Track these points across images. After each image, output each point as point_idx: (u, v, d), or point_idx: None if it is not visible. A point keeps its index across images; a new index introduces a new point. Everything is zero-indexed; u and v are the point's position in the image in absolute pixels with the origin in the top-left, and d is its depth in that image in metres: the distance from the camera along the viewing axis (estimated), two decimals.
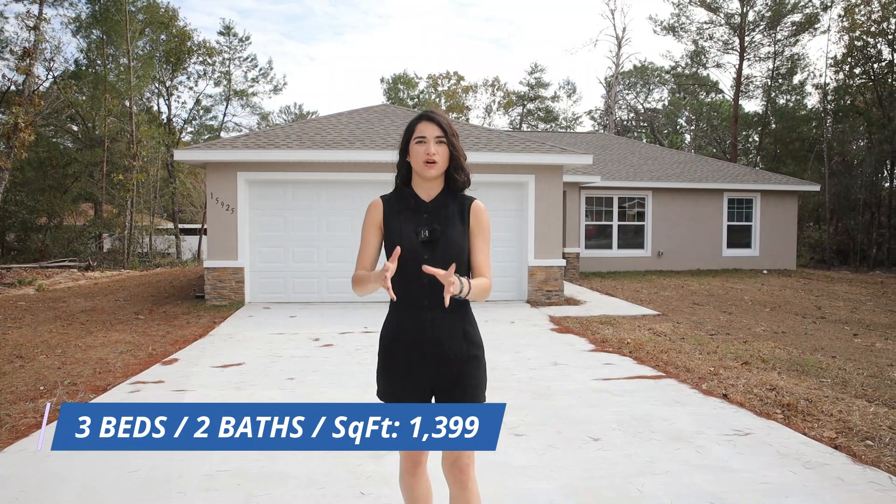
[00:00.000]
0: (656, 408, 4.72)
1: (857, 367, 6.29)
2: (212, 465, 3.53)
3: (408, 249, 2.17)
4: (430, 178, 2.22)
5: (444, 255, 2.17)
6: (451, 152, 2.21)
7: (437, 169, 2.20)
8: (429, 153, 2.17)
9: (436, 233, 2.18)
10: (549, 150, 11.21)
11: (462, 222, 2.24)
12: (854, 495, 3.14)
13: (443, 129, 2.21)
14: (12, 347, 7.40)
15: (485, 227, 2.28)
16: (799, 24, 33.39)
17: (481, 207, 2.30)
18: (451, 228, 2.21)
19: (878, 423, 4.28)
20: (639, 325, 9.00)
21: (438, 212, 2.25)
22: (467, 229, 2.25)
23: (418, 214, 2.24)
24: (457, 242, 2.21)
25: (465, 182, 2.30)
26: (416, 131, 2.23)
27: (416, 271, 2.12)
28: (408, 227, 2.22)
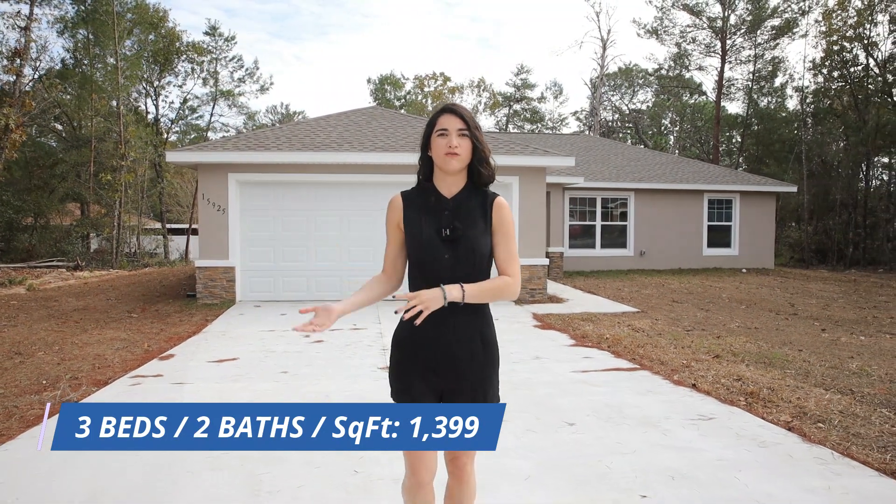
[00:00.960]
0: (629, 396, 5.05)
1: (820, 360, 6.67)
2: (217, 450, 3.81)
3: (428, 248, 2.14)
4: (452, 171, 2.16)
5: (465, 253, 2.12)
6: (474, 145, 2.15)
7: (459, 162, 2.14)
8: (451, 145, 2.11)
9: (457, 231, 2.12)
10: (533, 153, 11.55)
11: (484, 220, 2.17)
12: (798, 469, 3.48)
13: (465, 122, 2.14)
14: (10, 344, 7.60)
15: (507, 223, 2.20)
16: (778, 28, 34.03)
17: (504, 204, 2.23)
18: (472, 226, 2.15)
19: (831, 409, 4.64)
20: (618, 321, 9.34)
21: (460, 209, 2.18)
22: (489, 227, 2.18)
23: (439, 211, 2.18)
24: (478, 241, 2.14)
25: (490, 177, 2.22)
26: (437, 124, 2.17)
27: (435, 270, 2.11)
28: (428, 224, 2.16)
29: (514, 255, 2.20)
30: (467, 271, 2.12)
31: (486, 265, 2.17)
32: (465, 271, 2.12)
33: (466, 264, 2.10)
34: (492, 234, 2.17)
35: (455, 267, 2.12)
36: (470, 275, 2.12)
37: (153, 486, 3.31)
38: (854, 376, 5.86)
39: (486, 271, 2.17)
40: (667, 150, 45.63)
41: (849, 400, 4.92)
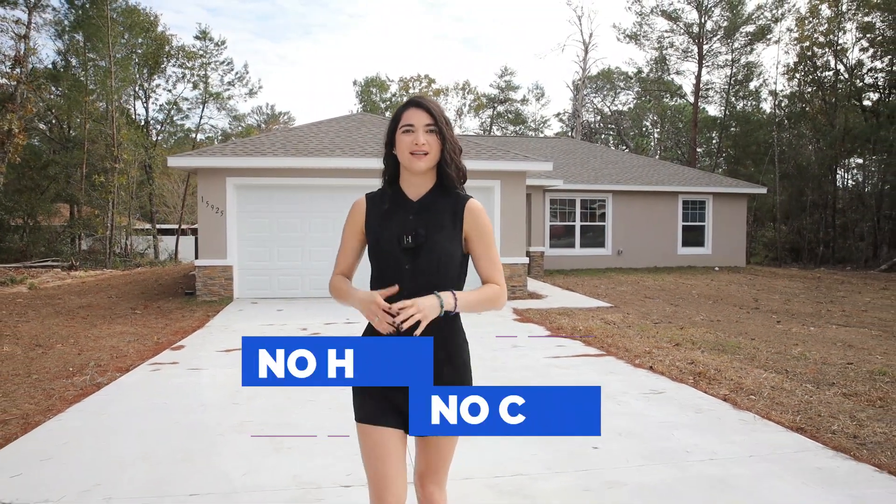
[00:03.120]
0: (593, 376, 5.80)
1: (767, 347, 7.45)
2: (241, 418, 4.50)
3: (388, 256, 1.95)
4: (418, 171, 1.95)
5: (428, 262, 1.92)
6: (443, 143, 1.94)
7: (426, 162, 1.93)
8: (417, 143, 1.91)
9: (419, 238, 1.92)
10: (514, 158, 12.29)
11: (454, 225, 1.97)
12: (724, 428, 4.23)
13: (433, 117, 1.93)
14: (29, 338, 8.20)
15: (485, 229, 2.00)
16: (753, 34, 35.12)
17: (478, 207, 2.01)
18: (438, 232, 1.94)
19: (764, 384, 5.41)
20: (592, 315, 10.10)
21: (426, 212, 1.98)
22: (459, 233, 1.98)
23: (403, 216, 1.98)
24: (445, 248, 1.94)
25: (460, 177, 2.02)
26: (402, 119, 1.96)
27: (395, 280, 1.93)
28: (390, 230, 1.96)
29: (497, 264, 2.03)
30: (431, 281, 1.92)
31: (455, 274, 1.98)
32: (429, 281, 1.92)
33: (430, 274, 1.92)
34: (466, 241, 2.00)
35: (417, 277, 1.92)
36: (435, 285, 1.91)
37: (192, 447, 3.99)
38: (793, 360, 6.65)
39: (455, 281, 1.98)
40: (648, 151, 46.67)
41: (781, 378, 5.70)
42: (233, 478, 3.42)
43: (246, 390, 5.10)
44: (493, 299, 1.98)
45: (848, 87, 29.62)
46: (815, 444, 3.91)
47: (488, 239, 2.01)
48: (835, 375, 5.81)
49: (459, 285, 1.99)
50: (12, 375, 6.04)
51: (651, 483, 3.35)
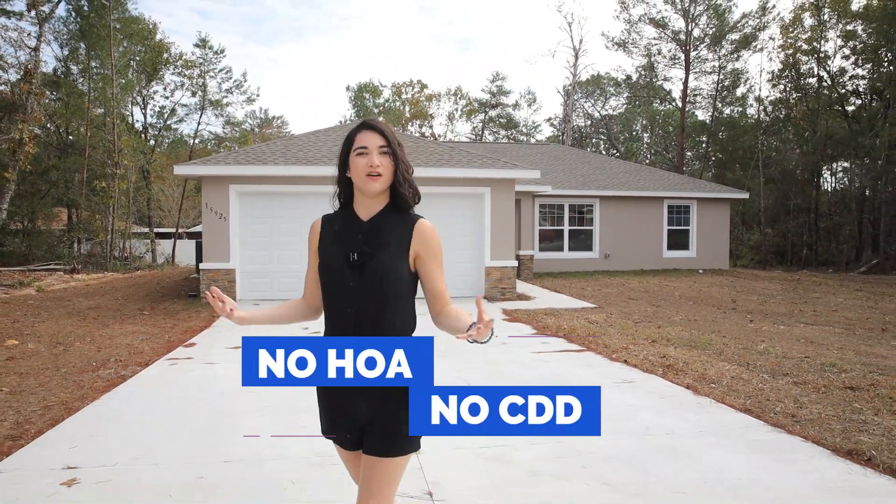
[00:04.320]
0: (572, 369, 6.41)
1: (736, 343, 8.08)
2: (257, 403, 5.08)
3: (334, 273, 1.99)
4: (372, 193, 1.99)
5: (372, 281, 1.94)
6: (395, 164, 1.99)
7: (381, 183, 1.97)
8: (371, 165, 1.94)
9: (364, 256, 1.96)
10: (503, 166, 12.92)
11: (401, 244, 2.00)
12: (682, 409, 4.85)
13: (386, 139, 1.97)
14: (48, 337, 8.74)
15: (435, 249, 2.04)
16: (739, 41, 35.96)
17: (428, 228, 2.04)
18: (384, 251, 1.98)
19: (724, 375, 6.03)
20: (577, 315, 10.71)
21: (374, 232, 2.01)
22: (406, 252, 2.01)
23: (353, 235, 2.02)
24: (389, 266, 1.97)
25: (413, 197, 2.06)
26: (356, 141, 1.99)
27: (340, 296, 1.97)
28: (338, 249, 2.01)
29: (444, 283, 2.09)
30: (375, 299, 1.96)
31: (401, 292, 2.01)
32: (373, 299, 1.96)
33: (374, 291, 1.95)
34: (415, 259, 2.03)
35: (360, 295, 1.96)
36: (379, 303, 1.96)
37: (218, 425, 4.57)
38: (757, 354, 7.27)
39: (401, 299, 2.01)
40: (638, 155, 47.44)
41: (742, 369, 6.32)
42: (257, 449, 4.00)
43: None
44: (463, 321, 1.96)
45: (830, 93, 30.46)
46: (757, 421, 4.53)
47: (438, 259, 2.04)
48: (790, 367, 6.43)
49: (408, 303, 2.04)
50: (43, 369, 6.59)
51: (614, 452, 3.95)
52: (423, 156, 13.28)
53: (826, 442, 4.03)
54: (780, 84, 33.48)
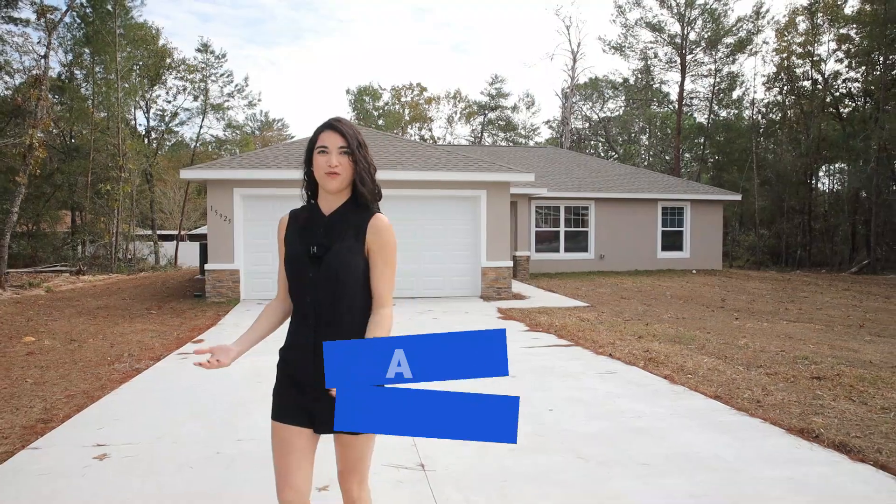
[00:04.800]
0: (560, 361, 6.82)
1: (718, 338, 8.49)
2: (266, 391, 5.48)
3: (295, 266, 2.12)
4: (331, 190, 2.11)
5: (328, 272, 2.06)
6: (355, 164, 2.09)
7: (339, 181, 2.09)
8: (331, 164, 2.06)
9: (322, 249, 2.09)
10: (499, 170, 13.33)
11: (357, 238, 2.11)
12: (657, 396, 5.26)
13: (346, 139, 2.08)
14: (62, 334, 9.15)
15: (386, 245, 2.13)
16: (734, 45, 36.40)
17: (383, 223, 2.13)
18: (340, 243, 2.09)
19: (702, 366, 6.44)
20: (569, 313, 11.11)
21: (334, 225, 2.13)
22: (362, 245, 2.11)
23: (315, 229, 2.14)
24: (345, 259, 2.08)
25: (373, 195, 2.17)
26: (318, 141, 2.11)
27: (301, 288, 2.10)
28: (300, 241, 2.13)
29: (390, 279, 2.14)
30: (333, 290, 2.08)
31: (357, 283, 2.11)
32: (331, 290, 2.08)
33: (331, 281, 2.07)
34: (369, 255, 2.13)
35: (319, 286, 2.08)
36: (335, 293, 2.08)
37: (231, 411, 4.98)
38: (736, 349, 7.68)
39: (356, 292, 2.11)
40: (637, 157, 47.87)
41: (719, 362, 6.73)
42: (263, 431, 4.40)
43: (266, 371, 6.09)
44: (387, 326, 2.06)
45: (824, 95, 30.90)
46: (725, 406, 4.95)
47: (386, 254, 2.11)
48: (765, 360, 6.84)
49: (365, 293, 2.12)
50: (61, 363, 7.00)
51: (591, 431, 4.36)
52: (422, 159, 13.70)
53: (782, 423, 4.44)
54: (774, 87, 33.96)
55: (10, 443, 4.19)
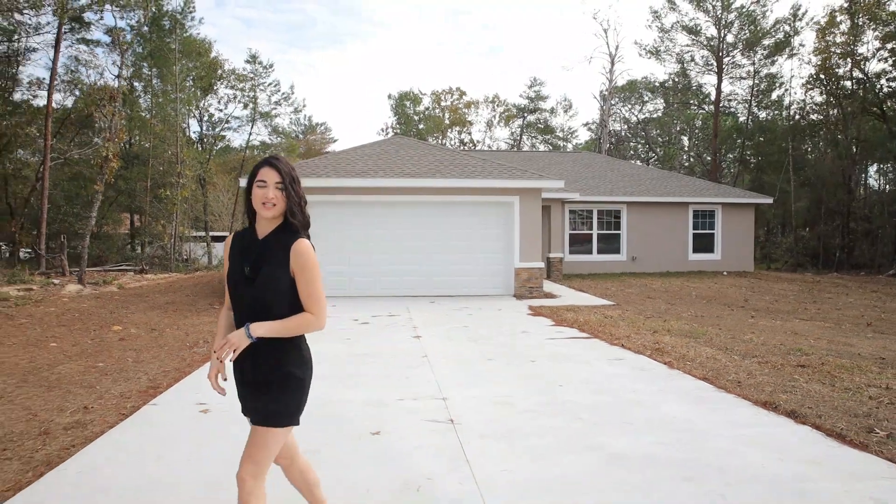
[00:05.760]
0: (576, 350, 7.75)
1: (728, 334, 9.27)
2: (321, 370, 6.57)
3: (233, 283, 2.44)
4: (267, 217, 2.41)
5: (261, 290, 2.36)
6: (288, 198, 2.39)
7: (273, 212, 2.39)
8: (267, 197, 2.36)
9: (254, 270, 2.38)
10: (531, 177, 14.27)
11: (283, 259, 2.38)
12: (654, 378, 6.17)
13: (282, 176, 2.38)
14: (142, 324, 10.45)
15: (304, 265, 2.39)
16: (772, 46, 36.41)
17: (302, 247, 2.40)
18: (269, 265, 2.38)
19: (702, 356, 7.29)
20: (595, 311, 11.98)
21: (265, 248, 2.42)
22: (287, 268, 2.38)
23: (250, 251, 2.44)
24: (273, 278, 2.37)
25: (302, 225, 2.47)
26: (258, 175, 2.40)
27: (238, 303, 2.44)
28: (238, 262, 2.44)
29: (314, 296, 2.41)
30: (265, 306, 2.37)
31: (283, 300, 2.39)
32: (263, 305, 2.37)
33: (262, 297, 2.37)
34: (293, 273, 2.40)
35: (254, 301, 2.39)
36: (264, 308, 2.37)
37: None
38: (740, 342, 8.48)
39: (282, 304, 2.40)
40: (676, 158, 47.98)
41: (720, 352, 7.57)
42: (323, 398, 5.48)
43: (324, 355, 7.20)
44: (304, 325, 2.40)
45: (865, 96, 30.78)
46: (709, 385, 5.84)
47: (307, 275, 2.40)
48: (762, 352, 7.65)
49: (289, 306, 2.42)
50: (149, 347, 8.24)
51: (592, 402, 5.31)
52: (458, 168, 14.73)
53: (752, 398, 5.32)
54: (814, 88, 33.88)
55: (134, 401, 5.38)
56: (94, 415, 5.07)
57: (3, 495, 3.49)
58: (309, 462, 2.94)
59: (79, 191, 25.15)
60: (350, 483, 3.61)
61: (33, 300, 13.16)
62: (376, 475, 3.72)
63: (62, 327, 10.02)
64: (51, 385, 6.12)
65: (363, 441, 4.34)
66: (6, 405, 5.36)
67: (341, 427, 4.68)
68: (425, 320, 10.54)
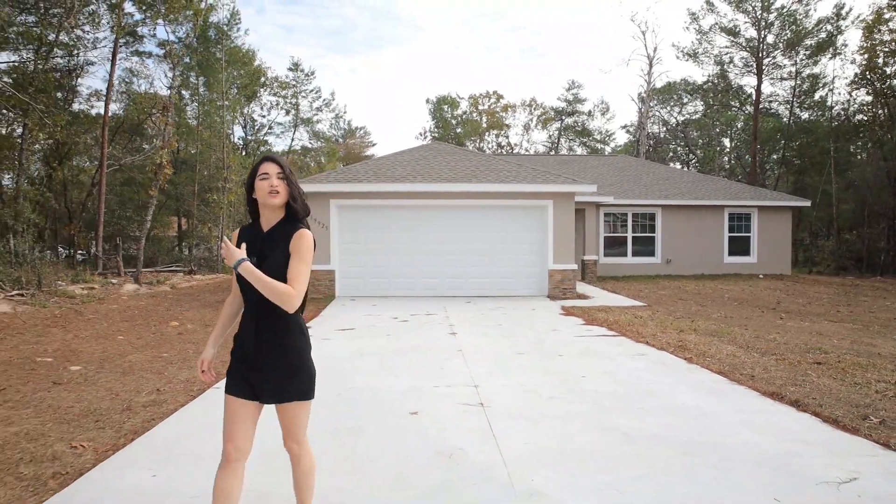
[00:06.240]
0: (602, 346, 8.20)
1: (752, 334, 9.58)
2: (362, 362, 7.17)
3: None
4: (273, 206, 2.64)
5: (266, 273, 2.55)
6: (290, 186, 2.64)
7: (279, 198, 2.62)
8: (272, 185, 2.60)
9: (261, 259, 2.60)
10: (564, 182, 14.71)
11: (285, 246, 2.61)
12: (674, 372, 6.59)
13: (283, 168, 2.65)
14: (197, 320, 11.24)
15: (300, 248, 2.61)
16: (815, 46, 35.93)
17: (304, 235, 2.64)
18: (273, 252, 2.61)
19: (722, 352, 7.67)
20: (626, 311, 12.35)
21: (270, 239, 2.65)
22: (289, 252, 2.61)
23: (256, 241, 2.67)
24: (278, 263, 2.59)
25: (303, 210, 2.71)
26: (260, 170, 2.65)
27: (248, 287, 2.61)
28: (246, 251, 2.60)
29: (299, 275, 2.59)
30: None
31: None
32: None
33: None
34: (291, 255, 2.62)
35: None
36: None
37: (338, 372, 6.67)
38: (764, 341, 8.79)
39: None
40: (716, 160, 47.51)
41: (740, 350, 7.93)
42: (368, 384, 6.07)
43: (367, 349, 7.82)
44: (279, 292, 2.51)
45: None
46: (724, 379, 6.24)
47: (299, 255, 2.61)
48: (783, 350, 7.98)
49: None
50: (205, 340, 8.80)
51: (611, 391, 5.78)
52: (494, 172, 15.25)
53: (761, 389, 5.72)
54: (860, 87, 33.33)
55: (199, 385, 6.07)
56: (167, 395, 5.76)
57: (105, 454, 4.17)
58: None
59: (131, 195, 26.44)
60: (393, 451, 4.18)
61: (97, 298, 14.15)
62: (415, 446, 4.29)
63: (125, 322, 10.88)
64: (125, 371, 6.87)
65: (403, 419, 4.91)
66: (91, 387, 6.11)
67: (384, 408, 5.26)
68: (461, 318, 11.09)
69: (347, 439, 4.47)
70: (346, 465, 3.95)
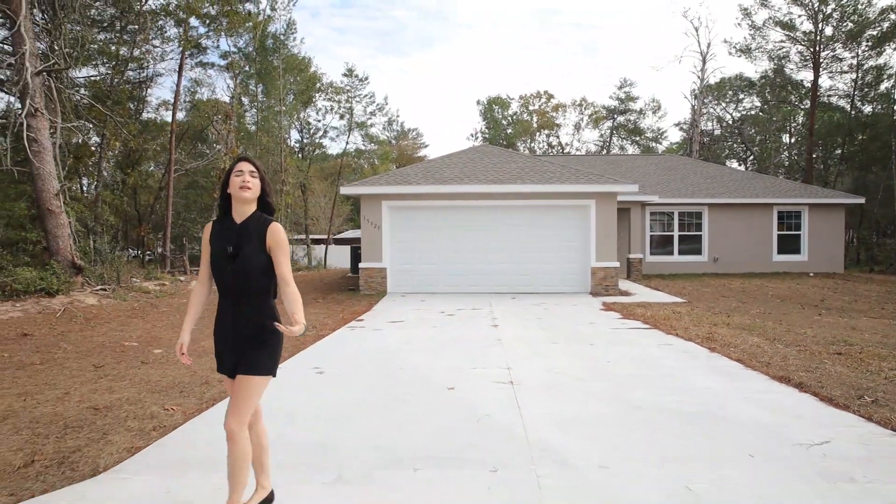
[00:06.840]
0: (633, 337, 8.73)
1: (784, 328, 9.90)
2: (412, 348, 7.92)
3: (218, 261, 2.91)
4: (245, 200, 2.90)
5: (241, 266, 2.84)
6: (262, 184, 2.95)
7: (251, 193, 2.90)
8: (245, 180, 2.87)
9: (236, 248, 2.85)
10: (605, 182, 15.17)
11: (259, 239, 2.87)
12: (695, 359, 7.10)
13: (256, 167, 2.95)
14: None
15: (280, 241, 2.89)
16: (877, 37, 34.86)
17: (276, 227, 2.90)
18: (248, 245, 2.86)
19: (747, 343, 8.09)
20: (664, 307, 12.74)
21: (243, 232, 2.89)
22: (264, 245, 2.87)
23: (230, 234, 2.90)
24: (252, 256, 2.85)
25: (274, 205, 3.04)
26: (235, 168, 2.93)
27: (222, 277, 2.91)
28: (220, 243, 2.89)
29: (289, 270, 2.91)
30: (245, 279, 2.87)
31: (261, 272, 2.90)
32: (243, 279, 2.87)
33: (242, 272, 2.85)
34: (270, 251, 2.89)
35: (235, 276, 2.86)
36: (247, 281, 2.87)
37: (391, 357, 7.43)
38: (793, 335, 9.12)
39: (262, 280, 2.90)
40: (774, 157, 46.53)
41: (765, 342, 8.33)
42: (415, 367, 6.80)
43: (415, 338, 8.58)
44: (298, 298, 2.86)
45: None
46: (741, 365, 6.72)
47: (282, 250, 2.92)
48: (808, 342, 8.34)
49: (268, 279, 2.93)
50: None
51: (631, 373, 6.36)
52: (539, 173, 15.83)
53: (772, 374, 6.20)
54: None
55: None
56: None
57: (192, 415, 5.04)
58: (266, 430, 3.28)
59: (195, 198, 28.05)
60: (433, 416, 4.91)
61: (168, 293, 15.40)
62: (450, 413, 5.00)
63: None
64: (199, 354, 7.81)
65: (442, 394, 5.63)
66: (172, 366, 7.06)
67: (427, 385, 6.00)
68: (504, 312, 11.74)
69: (396, 406, 5.21)
70: (394, 425, 4.68)
